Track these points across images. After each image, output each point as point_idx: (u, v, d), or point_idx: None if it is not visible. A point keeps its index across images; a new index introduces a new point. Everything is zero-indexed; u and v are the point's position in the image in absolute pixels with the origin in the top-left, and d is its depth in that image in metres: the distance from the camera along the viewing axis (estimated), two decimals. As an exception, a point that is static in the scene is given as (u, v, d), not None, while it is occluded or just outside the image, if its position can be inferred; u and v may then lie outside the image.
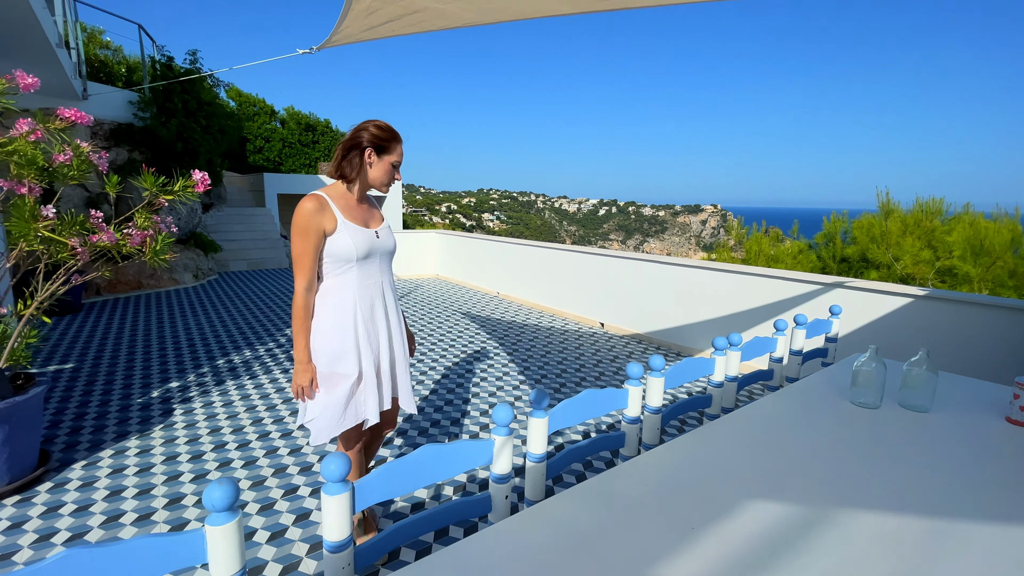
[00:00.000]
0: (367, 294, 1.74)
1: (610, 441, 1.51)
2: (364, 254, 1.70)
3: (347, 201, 1.73)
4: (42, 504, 2.34)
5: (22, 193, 2.26)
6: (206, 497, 0.80)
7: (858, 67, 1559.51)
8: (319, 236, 1.64)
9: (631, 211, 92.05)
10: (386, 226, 1.87)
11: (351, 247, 1.67)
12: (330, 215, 1.65)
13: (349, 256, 1.68)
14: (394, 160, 1.74)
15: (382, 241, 1.79)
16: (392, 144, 1.72)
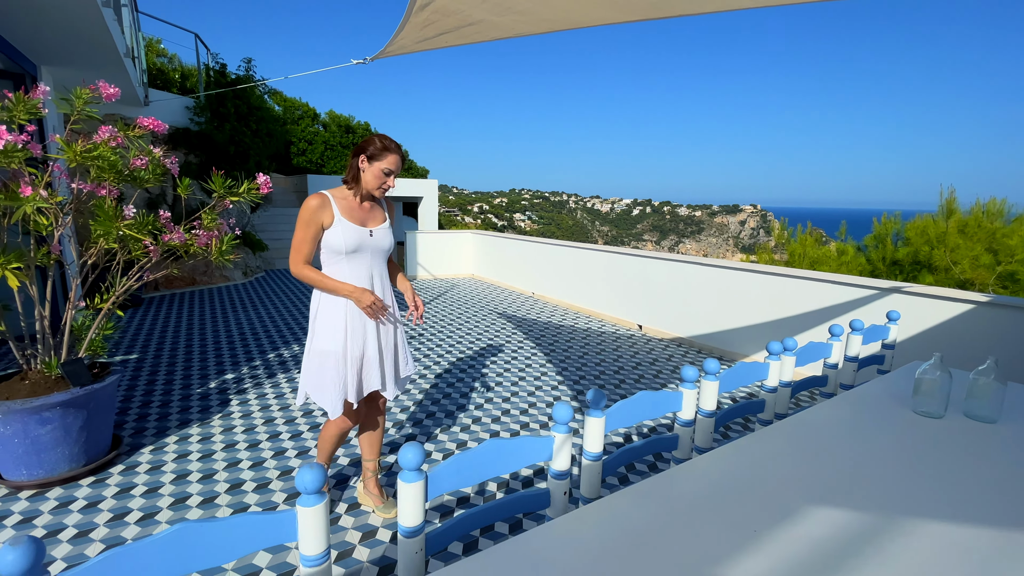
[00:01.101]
0: (360, 284, 1.98)
1: (663, 443, 1.52)
2: (352, 249, 1.95)
3: (348, 202, 1.98)
4: (115, 485, 2.52)
5: (102, 195, 2.44)
6: (298, 480, 0.87)
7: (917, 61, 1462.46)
8: (318, 228, 1.93)
9: (666, 211, 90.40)
10: (384, 227, 2.07)
11: (341, 241, 1.93)
12: (329, 212, 1.92)
13: (339, 249, 1.94)
14: (384, 167, 1.94)
15: (375, 240, 2.01)
16: (383, 153, 1.93)
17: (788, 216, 13.09)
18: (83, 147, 2.21)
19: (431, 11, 1.97)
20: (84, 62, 4.98)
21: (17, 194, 2.08)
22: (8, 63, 4.31)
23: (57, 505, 2.34)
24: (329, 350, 1.98)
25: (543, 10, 1.97)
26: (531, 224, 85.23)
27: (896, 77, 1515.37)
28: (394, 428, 3.16)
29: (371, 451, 2.31)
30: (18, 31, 3.97)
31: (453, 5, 1.90)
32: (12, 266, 2.18)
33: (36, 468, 2.43)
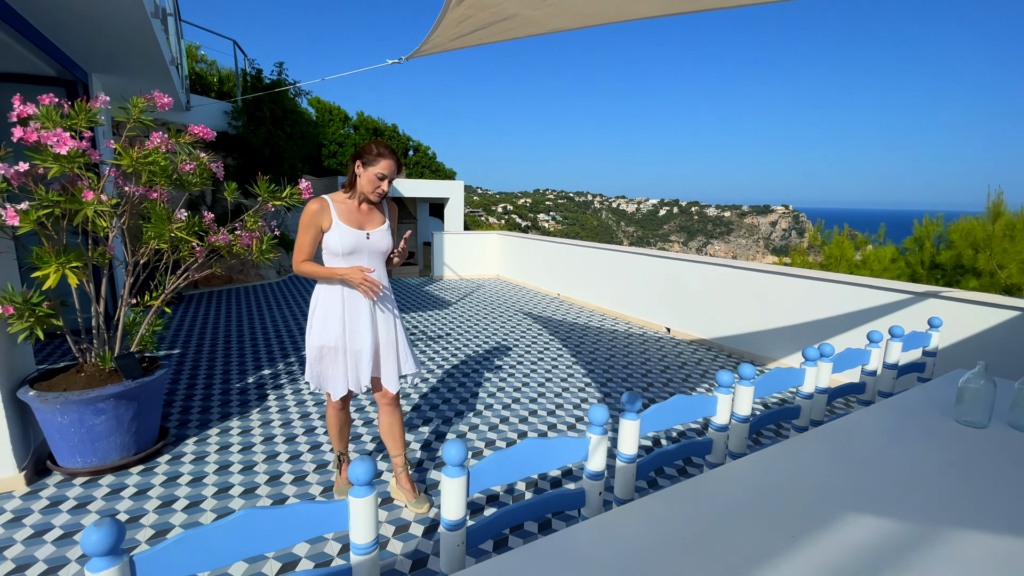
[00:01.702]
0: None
1: (697, 447, 1.53)
2: (349, 250, 2.07)
3: (347, 206, 2.10)
4: (162, 474, 2.65)
5: (154, 198, 2.57)
6: (351, 472, 0.92)
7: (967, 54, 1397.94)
8: (317, 231, 2.06)
9: (694, 211, 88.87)
10: (382, 229, 2.17)
11: (338, 244, 2.05)
12: (328, 216, 2.05)
13: (336, 251, 2.07)
14: (378, 172, 2.04)
15: (372, 242, 2.12)
16: (377, 159, 2.03)
17: (823, 217, 12.72)
18: (139, 153, 2.34)
19: (467, 6, 2.00)
20: (133, 70, 5.23)
21: (79, 198, 2.22)
22: (62, 71, 4.55)
23: (109, 492, 2.47)
24: (329, 345, 2.11)
25: (579, 3, 1.98)
26: (555, 224, 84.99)
27: (944, 70, 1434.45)
28: (425, 426, 3.22)
29: (395, 446, 2.37)
30: (72, 41, 4.20)
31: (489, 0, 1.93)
32: (72, 265, 2.33)
33: (90, 456, 2.57)
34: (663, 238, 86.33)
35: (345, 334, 2.12)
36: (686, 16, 2.45)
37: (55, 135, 2.15)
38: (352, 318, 2.12)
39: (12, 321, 2.27)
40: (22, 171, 2.23)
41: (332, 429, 2.38)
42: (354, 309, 2.12)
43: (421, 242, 13.55)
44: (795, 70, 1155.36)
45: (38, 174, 2.30)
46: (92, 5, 3.30)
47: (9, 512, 2.29)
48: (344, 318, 2.11)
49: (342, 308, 2.11)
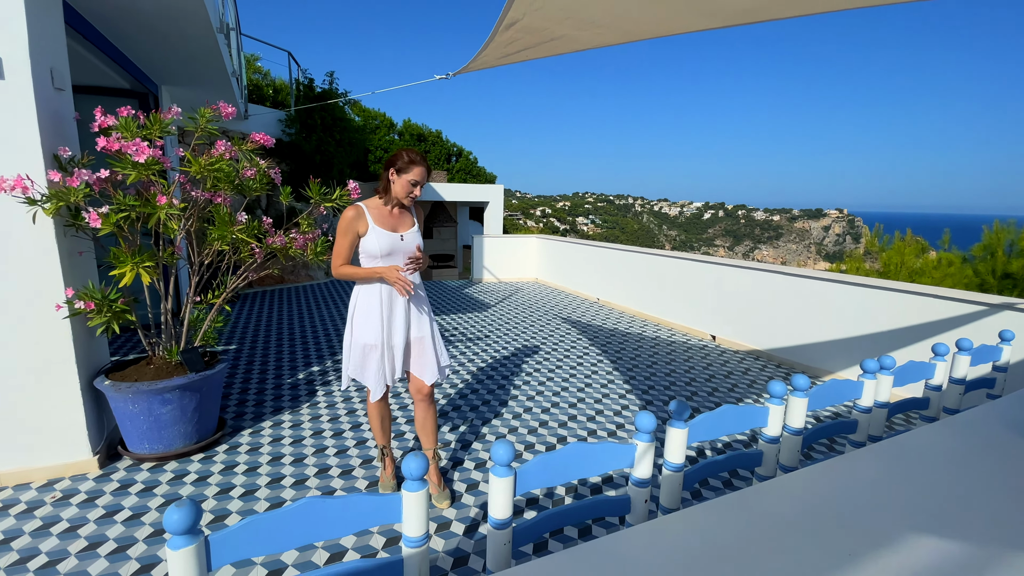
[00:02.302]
0: (389, 284, 2.20)
1: (747, 459, 1.49)
2: (386, 252, 2.20)
3: (381, 211, 2.23)
4: (220, 462, 2.80)
5: (218, 202, 2.73)
6: (404, 467, 0.95)
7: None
8: (354, 236, 2.19)
9: (740, 215, 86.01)
10: (413, 231, 2.30)
11: (376, 246, 2.18)
12: (364, 221, 2.18)
13: (374, 253, 2.20)
14: (411, 179, 2.16)
15: (405, 243, 2.25)
16: (410, 167, 2.16)
17: (881, 221, 12.04)
18: (206, 160, 2.50)
19: (516, 30, 2.05)
20: (198, 82, 5.57)
21: (153, 202, 2.39)
22: (135, 83, 4.91)
23: (173, 477, 2.64)
24: (370, 342, 2.23)
25: (625, 23, 1.99)
26: (594, 228, 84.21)
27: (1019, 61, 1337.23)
28: (464, 425, 3.27)
29: (428, 440, 2.46)
30: (146, 56, 4.52)
31: (538, 23, 1.97)
32: (145, 264, 2.51)
33: (156, 443, 2.75)
34: (707, 242, 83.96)
35: (383, 331, 2.23)
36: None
37: (134, 144, 2.33)
38: (389, 315, 2.24)
39: (92, 315, 2.47)
40: (103, 177, 2.43)
41: (374, 422, 2.49)
42: (391, 307, 2.25)
43: (461, 245, 13.73)
44: (851, 67, 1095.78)
45: (117, 180, 2.50)
46: (166, 23, 3.55)
47: (83, 493, 2.48)
48: (383, 315, 2.22)
49: (380, 306, 2.22)
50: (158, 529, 2.23)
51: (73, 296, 2.44)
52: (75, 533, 2.18)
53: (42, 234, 2.42)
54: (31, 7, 2.35)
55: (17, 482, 2.54)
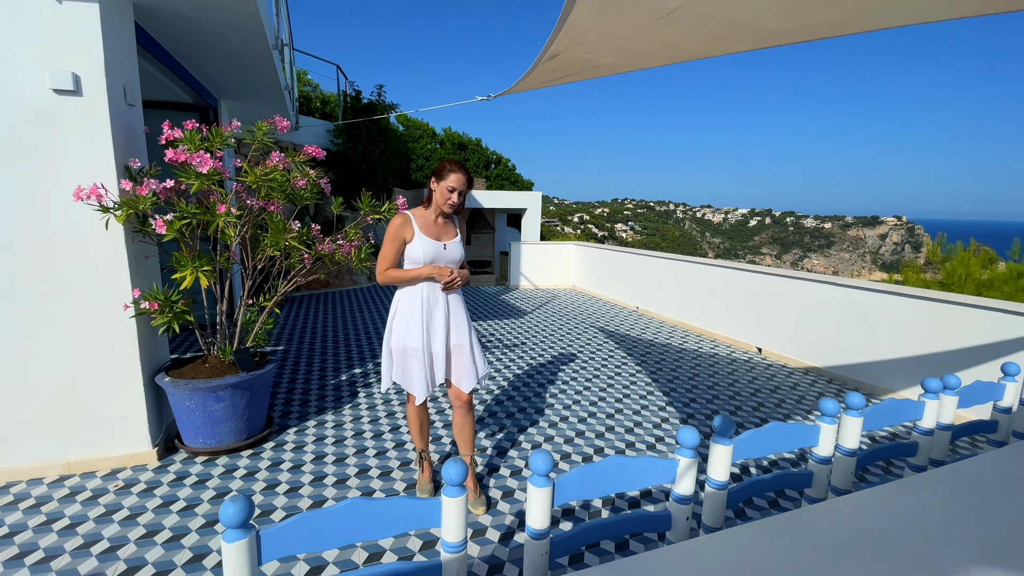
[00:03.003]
0: (432, 290, 2.29)
1: (796, 479, 1.43)
2: (429, 260, 2.26)
3: (426, 219, 2.30)
4: (268, 459, 2.91)
5: (271, 210, 2.87)
6: (444, 473, 0.97)
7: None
8: (400, 243, 2.26)
9: (788, 222, 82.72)
10: (456, 241, 2.35)
11: (420, 254, 2.24)
12: (410, 229, 2.26)
13: (418, 260, 2.26)
14: (449, 185, 2.22)
15: (448, 252, 2.31)
16: (447, 174, 2.22)
17: (943, 230, 11.27)
18: (262, 171, 2.63)
19: (559, 60, 2.07)
20: (253, 95, 5.87)
21: (213, 210, 2.54)
22: (197, 98, 5.22)
23: (223, 471, 2.77)
24: (412, 346, 2.28)
25: (671, 48, 1.97)
26: (633, 235, 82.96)
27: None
28: (501, 432, 3.28)
29: (465, 446, 2.48)
30: (206, 72, 4.80)
31: (580, 55, 1.97)
32: (204, 268, 2.65)
33: (209, 438, 2.89)
34: (753, 250, 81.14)
35: (424, 336, 2.27)
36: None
37: (198, 156, 2.48)
38: (430, 320, 2.28)
39: (155, 315, 2.63)
40: (168, 187, 2.60)
41: (413, 427, 2.54)
42: (431, 312, 2.29)
43: (498, 251, 13.82)
44: (910, 61, 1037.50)
45: (180, 189, 2.66)
46: (227, 41, 3.77)
47: (143, 483, 2.64)
48: (423, 320, 2.27)
49: (421, 311, 2.27)
50: (210, 520, 2.34)
51: (139, 297, 2.61)
52: (134, 521, 2.32)
53: (113, 239, 2.61)
54: (107, 29, 2.55)
55: (84, 470, 2.73)
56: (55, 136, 2.48)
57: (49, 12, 2.42)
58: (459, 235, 2.39)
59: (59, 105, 2.47)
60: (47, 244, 2.52)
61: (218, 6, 3.01)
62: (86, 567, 2.03)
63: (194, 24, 3.33)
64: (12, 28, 2.38)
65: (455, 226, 2.40)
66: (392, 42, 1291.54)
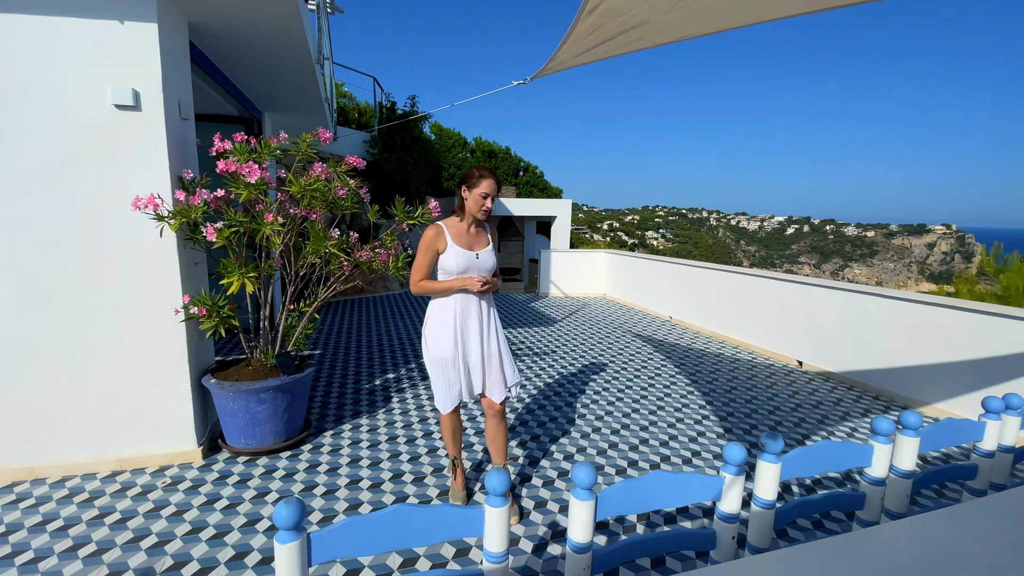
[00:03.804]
0: (464, 300, 2.30)
1: (847, 501, 1.37)
2: (462, 269, 2.27)
3: (458, 229, 2.32)
4: (305, 461, 2.98)
5: (313, 219, 2.96)
6: (488, 482, 0.97)
7: None
8: (433, 253, 2.28)
9: (828, 230, 79.86)
10: (488, 250, 2.36)
11: (453, 263, 2.26)
12: (443, 239, 2.28)
13: (451, 270, 2.28)
14: (481, 192, 2.23)
15: (481, 261, 2.31)
16: (478, 181, 2.23)
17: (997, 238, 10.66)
18: (305, 181, 2.72)
19: (598, 15, 2.02)
20: (295, 108, 6.09)
21: (261, 219, 2.64)
22: (243, 111, 5.45)
23: (264, 472, 2.85)
24: (444, 357, 2.30)
25: (715, 5, 1.90)
26: (664, 242, 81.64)
27: None
28: (533, 442, 3.27)
29: (498, 456, 2.48)
30: (252, 86, 5.01)
31: (621, 3, 1.92)
32: (250, 274, 2.76)
33: (251, 439, 2.99)
34: (791, 259, 78.61)
35: (458, 346, 2.29)
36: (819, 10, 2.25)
37: (247, 167, 2.59)
38: (464, 330, 2.30)
39: (203, 320, 2.74)
40: (218, 196, 2.71)
41: (446, 434, 2.56)
42: (465, 323, 2.30)
43: (527, 259, 13.84)
44: (957, 62, 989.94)
45: (229, 199, 2.78)
46: (272, 56, 3.93)
47: (188, 480, 2.74)
48: (456, 330, 2.29)
49: (454, 321, 2.29)
50: (251, 520, 2.41)
51: (189, 302, 2.73)
52: (180, 517, 2.41)
53: (166, 246, 2.74)
54: (165, 48, 2.70)
55: (134, 467, 2.85)
56: (116, 148, 2.63)
57: (113, 32, 2.57)
58: (491, 244, 2.41)
59: (120, 119, 2.62)
60: (108, 250, 2.67)
61: (266, 23, 3.14)
62: (135, 561, 2.11)
63: (243, 41, 3.49)
64: (79, 48, 2.54)
65: (487, 235, 2.42)
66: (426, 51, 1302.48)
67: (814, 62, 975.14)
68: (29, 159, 2.53)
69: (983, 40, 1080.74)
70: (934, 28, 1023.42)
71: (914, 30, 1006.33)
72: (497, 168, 15.12)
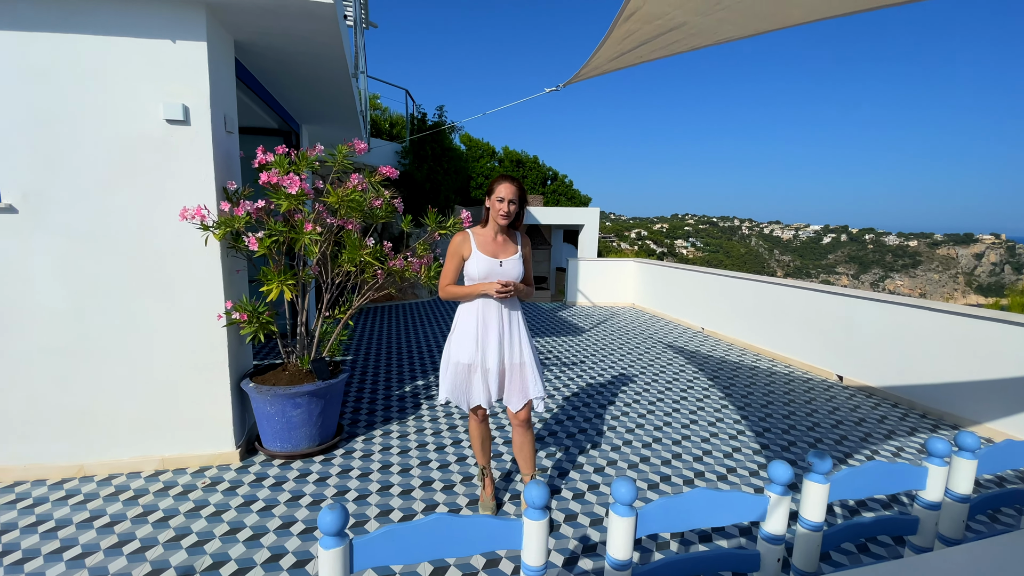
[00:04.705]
0: (486, 307, 2.32)
1: (899, 525, 1.30)
2: (484, 276, 2.31)
3: (485, 237, 2.36)
4: (338, 465, 3.03)
5: (350, 228, 3.03)
6: (527, 494, 0.97)
7: None
8: (459, 259, 2.35)
9: (868, 239, 76.97)
10: (514, 258, 2.37)
11: (475, 270, 2.31)
12: (468, 246, 2.34)
13: (474, 276, 2.32)
14: (499, 195, 2.28)
15: (504, 269, 2.33)
16: (495, 185, 2.30)
17: (1055, 250, 10.06)
18: (343, 191, 2.79)
19: (635, 20, 2.01)
20: (331, 120, 6.27)
21: (300, 228, 2.72)
22: (282, 123, 5.64)
23: (298, 475, 2.90)
24: (463, 362, 2.33)
25: (756, 4, 1.87)
26: (694, 251, 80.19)
27: None
28: (561, 453, 3.23)
29: (525, 465, 2.47)
30: (290, 99, 5.18)
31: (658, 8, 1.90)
32: (288, 282, 2.84)
33: (286, 442, 3.06)
34: (827, 269, 76.02)
35: (478, 352, 2.31)
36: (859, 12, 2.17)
37: (288, 178, 2.68)
38: (484, 337, 2.31)
39: (244, 325, 2.83)
40: (260, 207, 2.81)
41: (475, 443, 2.57)
42: (485, 329, 2.32)
43: (554, 267, 13.79)
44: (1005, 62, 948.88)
45: (270, 209, 2.87)
46: (311, 70, 4.06)
47: (227, 481, 2.81)
48: (478, 337, 2.31)
49: (476, 328, 2.32)
50: (286, 522, 2.45)
51: (231, 308, 2.82)
52: (219, 518, 2.48)
53: (210, 254, 2.85)
54: (213, 65, 2.82)
55: (176, 467, 2.95)
56: (166, 161, 2.76)
57: (165, 51, 2.71)
58: (519, 252, 2.41)
59: (170, 133, 2.75)
60: (156, 258, 2.80)
61: (307, 40, 3.25)
62: (176, 559, 2.18)
63: (284, 56, 3.62)
64: (134, 66, 2.68)
65: (516, 244, 2.42)
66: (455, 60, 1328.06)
67: (849, 65, 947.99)
68: (87, 171, 2.68)
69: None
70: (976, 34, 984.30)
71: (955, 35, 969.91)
72: (524, 177, 15.18)
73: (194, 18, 2.70)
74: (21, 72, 2.57)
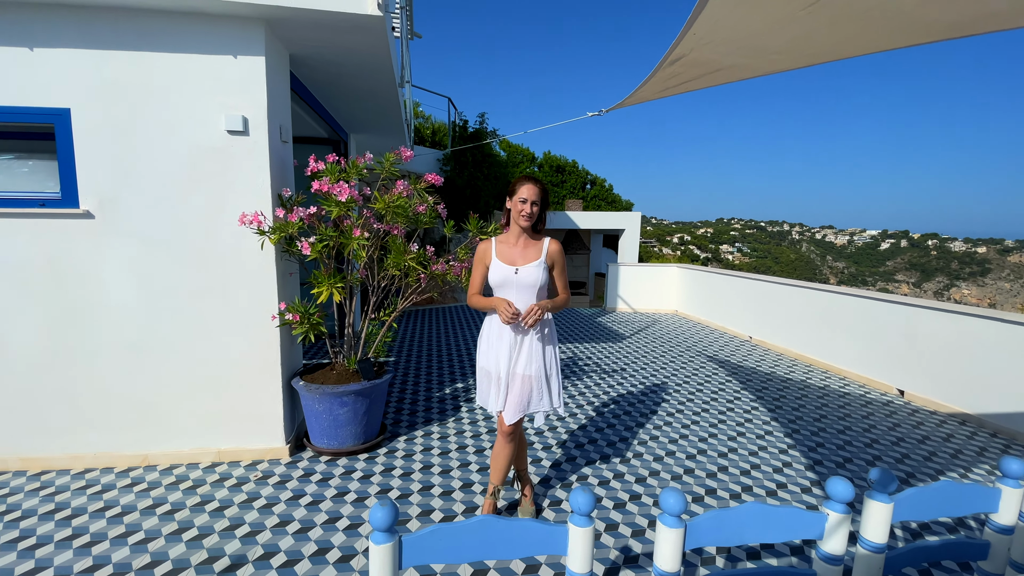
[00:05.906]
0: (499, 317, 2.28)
1: (968, 549, 1.22)
2: (499, 283, 2.31)
3: (506, 244, 2.34)
4: (381, 464, 3.10)
5: (395, 234, 3.11)
6: (572, 501, 0.97)
7: None
8: (483, 267, 2.37)
9: (931, 245, 72.25)
10: (533, 265, 2.28)
11: (492, 278, 2.32)
12: (489, 254, 2.35)
13: (491, 284, 2.34)
14: (520, 197, 2.25)
15: (520, 277, 2.27)
16: (515, 187, 2.27)
17: None
18: (390, 198, 2.88)
19: (681, 64, 2.01)
20: (378, 129, 6.47)
21: (349, 234, 2.82)
22: (331, 133, 5.86)
23: (343, 472, 2.99)
24: (484, 367, 2.38)
25: (805, 46, 1.83)
26: (741, 257, 77.52)
27: None
28: (603, 462, 3.19)
29: (493, 475, 2.51)
30: (340, 109, 5.39)
31: (705, 57, 1.89)
32: (338, 285, 2.94)
33: (333, 439, 3.15)
34: (885, 277, 71.80)
35: (493, 359, 2.34)
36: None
37: (338, 186, 2.78)
38: (497, 344, 2.33)
39: (296, 326, 2.96)
40: (312, 213, 2.93)
41: (494, 459, 2.48)
42: (498, 338, 2.33)
43: (593, 272, 13.66)
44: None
45: (321, 215, 2.99)
46: (360, 81, 4.21)
47: (277, 476, 2.93)
48: (491, 343, 2.35)
49: (490, 335, 2.37)
50: (332, 517, 2.53)
51: (284, 309, 2.95)
52: (270, 510, 2.59)
53: (265, 258, 2.99)
54: (270, 79, 2.97)
55: (231, 459, 3.10)
56: (226, 169, 2.92)
57: (227, 66, 2.88)
58: (541, 259, 2.27)
59: (231, 143, 2.91)
60: (216, 261, 2.96)
61: (358, 52, 3.38)
62: (231, 547, 2.29)
63: (335, 68, 3.77)
64: (199, 80, 2.86)
65: (538, 251, 2.31)
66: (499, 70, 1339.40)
67: (901, 62, 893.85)
68: (156, 179, 2.87)
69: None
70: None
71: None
72: (564, 182, 15.14)
73: (253, 34, 2.86)
74: (99, 87, 2.79)
